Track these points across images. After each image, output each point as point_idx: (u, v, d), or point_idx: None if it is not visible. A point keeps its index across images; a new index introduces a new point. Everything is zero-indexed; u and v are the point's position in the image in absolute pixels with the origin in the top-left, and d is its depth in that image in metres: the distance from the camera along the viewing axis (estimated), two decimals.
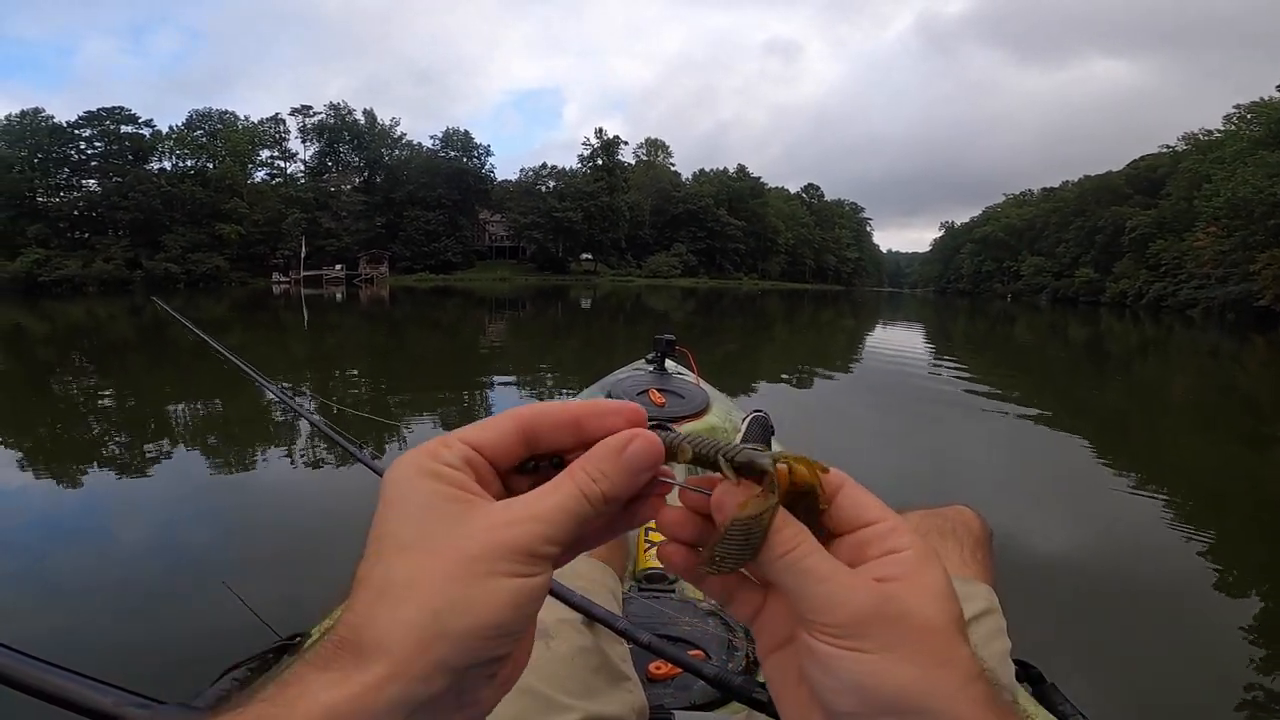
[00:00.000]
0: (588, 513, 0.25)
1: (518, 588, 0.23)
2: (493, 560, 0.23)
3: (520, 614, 0.23)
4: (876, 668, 0.23)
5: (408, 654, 0.22)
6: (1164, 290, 42.33)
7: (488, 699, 0.26)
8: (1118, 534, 3.15)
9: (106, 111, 40.50)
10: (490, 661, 0.24)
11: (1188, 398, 8.43)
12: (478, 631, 0.23)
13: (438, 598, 0.22)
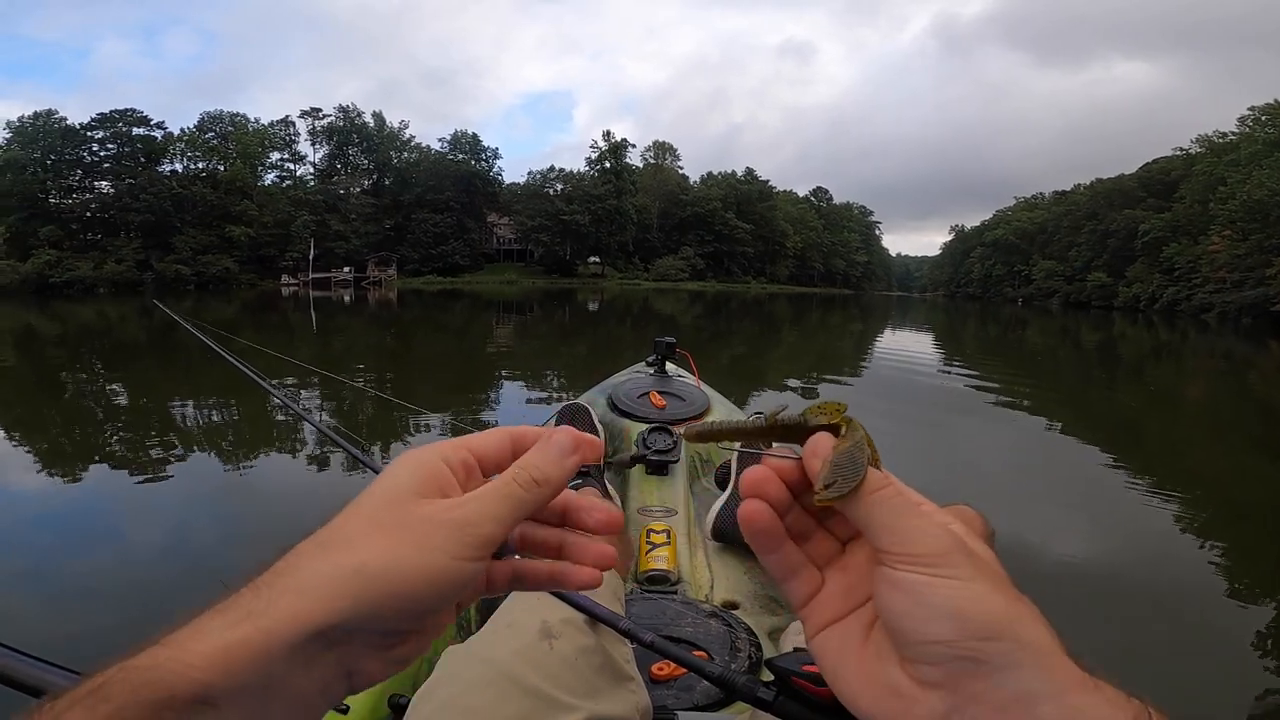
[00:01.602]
0: (520, 495, 0.27)
1: (445, 566, 0.25)
2: (431, 534, 0.25)
3: (437, 592, 0.24)
4: (972, 593, 0.24)
5: (318, 599, 0.23)
6: (1178, 295, 41.84)
7: (372, 672, 0.26)
8: (1128, 539, 3.08)
9: (119, 113, 40.95)
10: (392, 633, 0.25)
11: (1202, 404, 8.25)
12: (394, 594, 0.24)
13: (367, 555, 0.24)
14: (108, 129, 40.36)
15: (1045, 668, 0.24)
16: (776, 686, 0.50)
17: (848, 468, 0.27)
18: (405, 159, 53.31)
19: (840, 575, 0.28)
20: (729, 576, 1.22)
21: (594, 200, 54.54)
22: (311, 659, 0.24)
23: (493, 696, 0.62)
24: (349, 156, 52.54)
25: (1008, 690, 0.23)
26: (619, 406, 1.74)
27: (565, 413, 1.53)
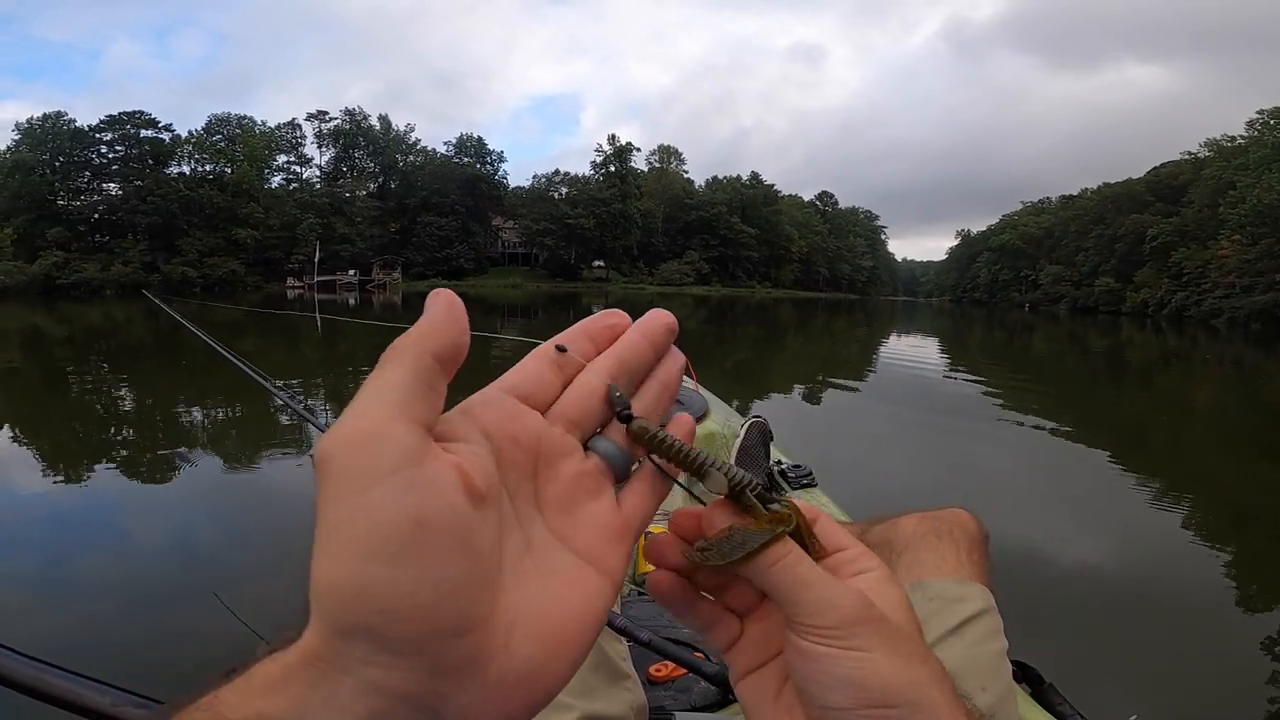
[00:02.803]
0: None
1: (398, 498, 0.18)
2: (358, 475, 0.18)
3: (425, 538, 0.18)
4: (868, 663, 0.23)
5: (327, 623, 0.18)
6: (1187, 300, 41.59)
7: (477, 709, 0.19)
8: (1135, 544, 3.05)
9: (127, 115, 41.20)
10: (449, 632, 0.18)
11: (1210, 410, 8.16)
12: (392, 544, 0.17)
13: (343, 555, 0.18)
14: (116, 131, 40.65)
15: None
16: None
17: (731, 545, 0.24)
18: (411, 162, 53.55)
19: (759, 625, 0.27)
20: None
21: (599, 204, 54.62)
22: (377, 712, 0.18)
23: None
24: (355, 159, 52.82)
25: None
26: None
27: None
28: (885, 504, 0.93)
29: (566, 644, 0.20)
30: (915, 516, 0.84)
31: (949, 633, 0.69)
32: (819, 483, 1.50)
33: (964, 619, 0.70)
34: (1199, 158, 47.40)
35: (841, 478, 3.53)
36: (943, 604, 0.71)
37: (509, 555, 0.20)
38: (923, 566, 0.76)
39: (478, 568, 0.19)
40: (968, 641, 0.68)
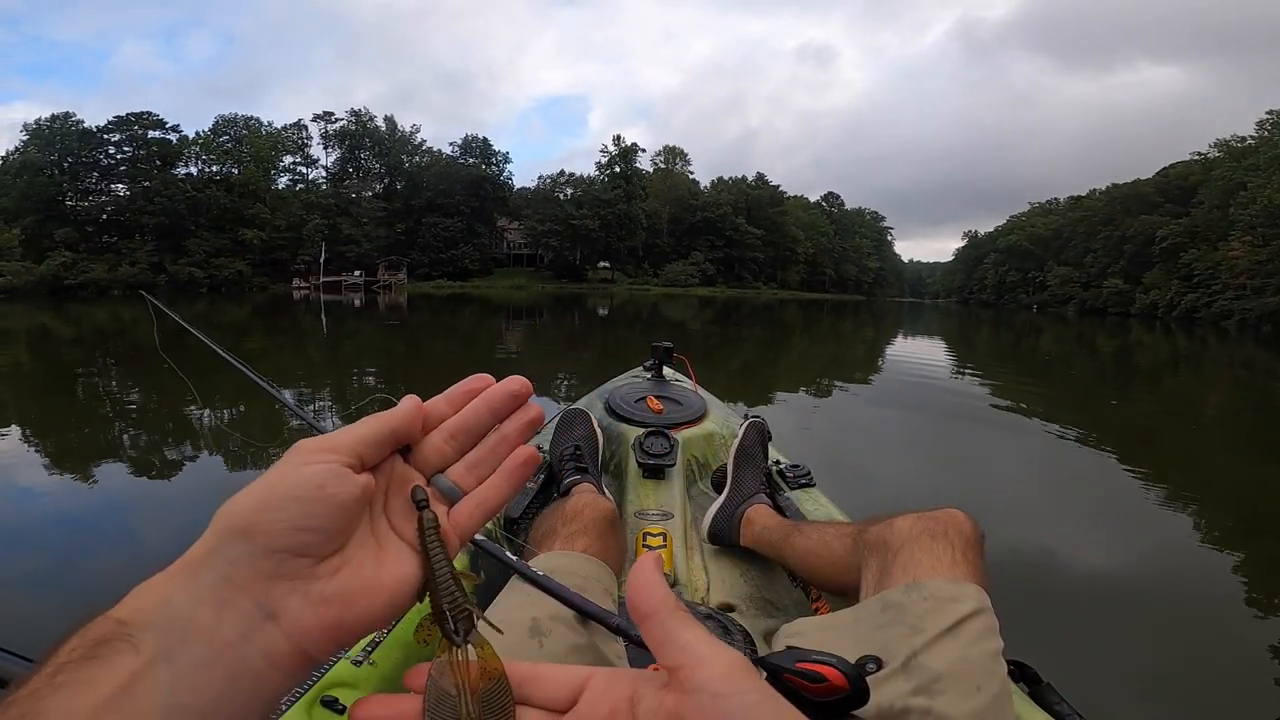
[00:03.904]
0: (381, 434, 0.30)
1: (306, 471, 0.27)
2: (305, 455, 0.28)
3: (307, 492, 0.27)
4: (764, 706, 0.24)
5: (218, 527, 0.26)
6: (1197, 301, 41.28)
7: (299, 613, 0.26)
8: (1143, 547, 3.01)
9: (135, 116, 41.46)
10: (284, 551, 0.26)
11: (1220, 412, 8.07)
12: (264, 503, 0.26)
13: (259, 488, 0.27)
14: (124, 131, 40.88)
15: None
16: (769, 684, 0.51)
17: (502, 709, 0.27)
18: (416, 163, 53.74)
19: None
20: (725, 579, 1.22)
21: (604, 205, 54.67)
22: (221, 600, 0.24)
23: None
24: (360, 160, 53.04)
25: None
26: (616, 411, 1.75)
27: (564, 418, 1.52)
28: (885, 505, 0.88)
29: (379, 590, 0.28)
30: (911, 517, 0.83)
31: (944, 632, 0.68)
32: (817, 483, 1.46)
33: (959, 619, 0.69)
34: (1209, 158, 47.10)
35: (841, 478, 3.50)
36: (937, 604, 0.71)
37: (359, 534, 0.29)
38: (918, 566, 0.76)
39: (336, 528, 0.27)
40: (963, 641, 0.68)
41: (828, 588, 1.02)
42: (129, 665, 0.22)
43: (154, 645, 0.23)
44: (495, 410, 0.33)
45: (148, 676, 0.22)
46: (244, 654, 0.24)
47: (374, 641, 0.83)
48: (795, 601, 1.21)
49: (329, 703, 0.74)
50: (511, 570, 0.79)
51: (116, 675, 0.22)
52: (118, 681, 0.22)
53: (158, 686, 0.22)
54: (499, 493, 0.33)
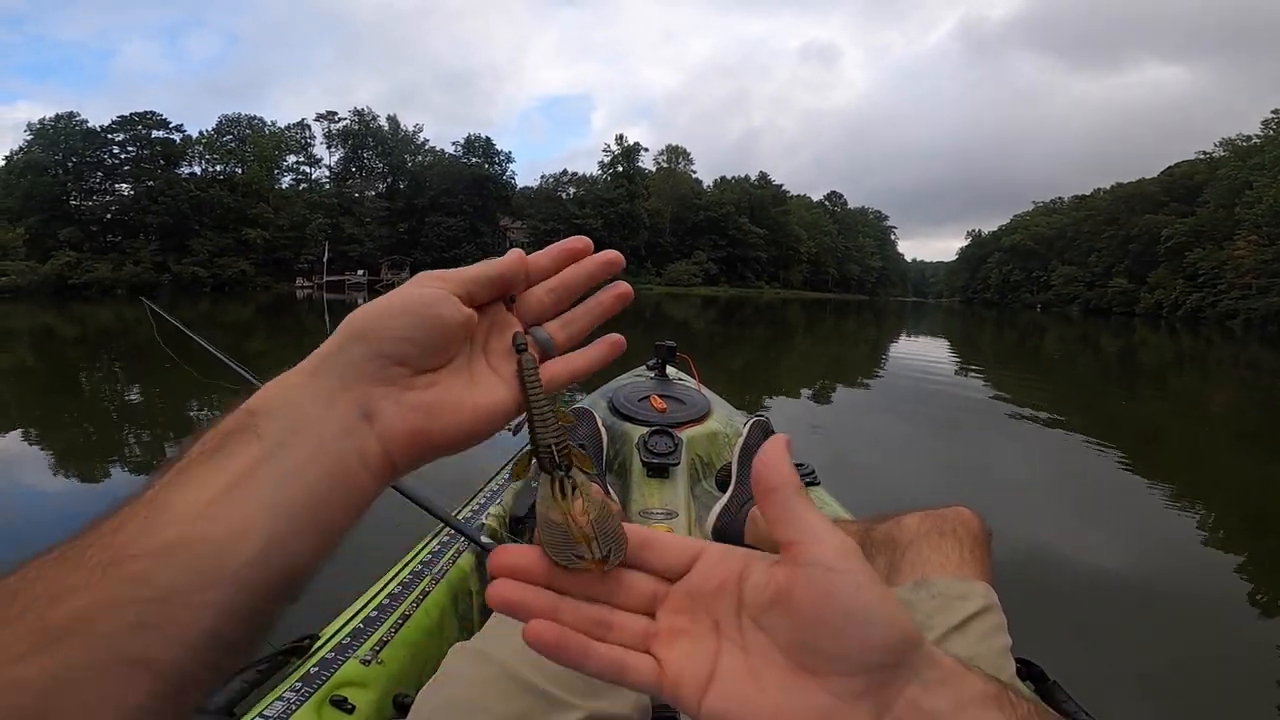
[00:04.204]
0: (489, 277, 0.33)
1: (421, 294, 0.30)
2: (423, 280, 0.31)
3: (420, 313, 0.30)
4: (873, 589, 0.25)
5: (342, 332, 0.29)
6: (1202, 301, 41.16)
7: (390, 417, 0.29)
8: (1148, 548, 3.00)
9: (138, 116, 41.52)
10: (390, 359, 0.29)
11: (1226, 412, 8.04)
12: (379, 314, 0.29)
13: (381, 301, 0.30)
14: (128, 131, 40.95)
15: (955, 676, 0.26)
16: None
17: (612, 533, 0.29)
18: (419, 162, 53.84)
19: (674, 640, 0.28)
20: None
21: (606, 204, 54.70)
22: (331, 396, 0.28)
23: (493, 695, 0.63)
24: (363, 160, 53.14)
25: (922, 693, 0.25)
26: (620, 410, 1.74)
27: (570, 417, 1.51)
28: (890, 503, 0.88)
29: (463, 410, 0.31)
30: (918, 515, 0.83)
31: (952, 630, 0.69)
32: (821, 481, 1.46)
33: (966, 616, 0.70)
34: (1214, 157, 46.96)
35: (846, 477, 3.49)
36: (945, 601, 0.71)
37: (458, 361, 0.32)
38: (926, 564, 0.76)
39: (437, 345, 0.30)
40: (971, 639, 0.68)
41: None
42: (249, 455, 0.25)
43: (273, 435, 0.26)
44: (593, 275, 0.35)
45: (262, 468, 0.25)
46: (342, 451, 0.27)
47: (382, 640, 0.83)
48: None
49: (338, 702, 0.74)
50: None
51: (236, 465, 0.25)
52: (236, 471, 0.25)
53: (269, 478, 0.25)
54: (588, 362, 0.35)
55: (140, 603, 0.22)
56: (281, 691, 0.73)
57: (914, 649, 0.25)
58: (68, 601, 0.22)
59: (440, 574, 1.01)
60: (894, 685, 0.25)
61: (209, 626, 0.23)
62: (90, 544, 0.23)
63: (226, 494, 0.25)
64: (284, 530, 0.25)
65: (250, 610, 0.24)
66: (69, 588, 0.22)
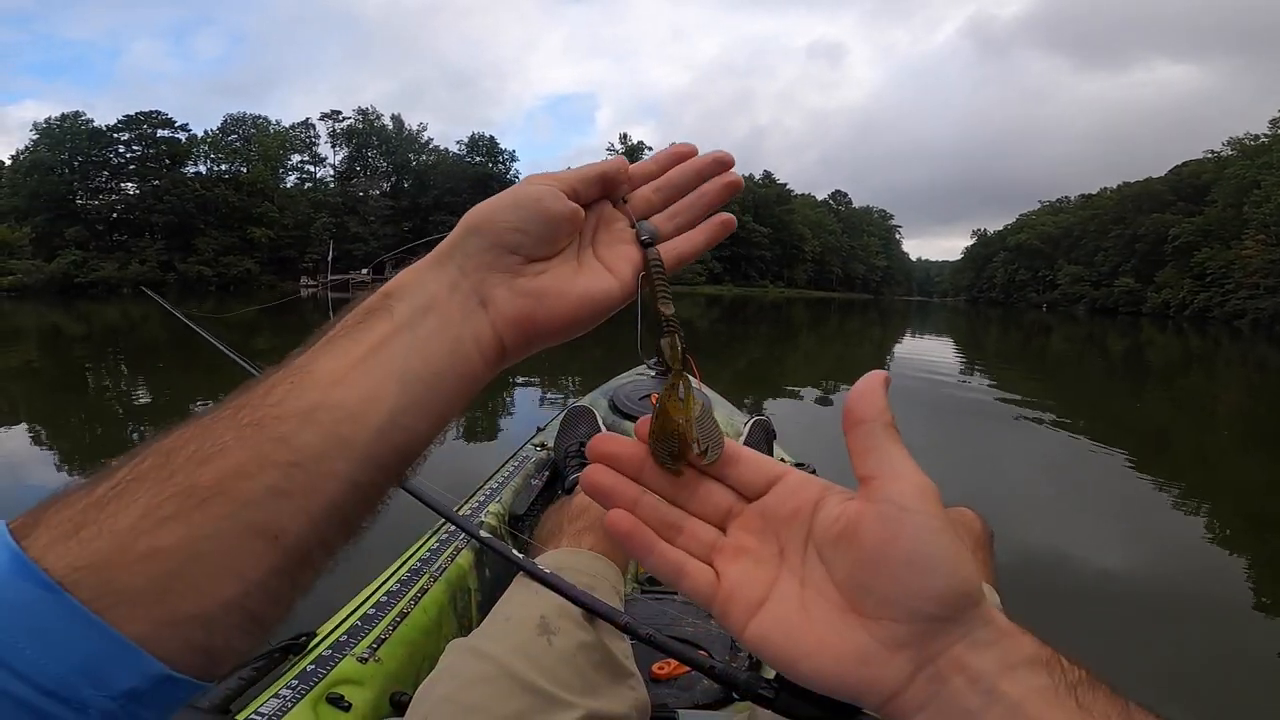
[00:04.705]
0: (592, 176, 0.35)
1: (534, 190, 0.33)
2: (533, 179, 0.34)
3: (533, 207, 0.32)
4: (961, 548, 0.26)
5: (462, 225, 0.32)
6: (1210, 300, 40.96)
7: (501, 302, 0.31)
8: (1148, 545, 2.99)
9: (144, 116, 41.69)
10: (506, 248, 0.31)
11: (1233, 412, 7.99)
12: (497, 207, 0.32)
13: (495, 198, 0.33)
14: (133, 131, 41.13)
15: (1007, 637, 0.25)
16: (778, 683, 0.51)
17: (712, 433, 0.31)
18: (423, 161, 53.95)
19: (737, 557, 0.29)
20: None
21: None
22: (454, 283, 0.30)
23: (491, 693, 0.63)
24: (368, 159, 53.28)
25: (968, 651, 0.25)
26: (620, 408, 1.76)
27: (569, 415, 1.53)
28: None
29: (568, 295, 0.33)
30: None
31: None
32: None
33: None
34: (1222, 156, 46.68)
35: (847, 477, 3.47)
36: None
37: (567, 253, 0.34)
38: None
39: (547, 235, 0.32)
40: None
41: None
42: (383, 329, 0.28)
43: (404, 313, 0.29)
44: (700, 172, 0.37)
45: (394, 341, 0.28)
46: (461, 333, 0.30)
47: (380, 638, 0.83)
48: None
49: (335, 700, 0.73)
50: (518, 568, 0.78)
51: (372, 337, 0.28)
52: (371, 343, 0.28)
53: (400, 349, 0.28)
54: (694, 245, 0.36)
55: (280, 467, 0.24)
56: (278, 689, 0.72)
57: (971, 606, 0.25)
58: (215, 462, 0.23)
59: (439, 571, 1.00)
60: (942, 639, 0.25)
61: (333, 497, 0.25)
62: (245, 404, 0.26)
63: (363, 361, 0.27)
64: (406, 402, 0.27)
65: (369, 485, 0.26)
66: (219, 448, 0.23)
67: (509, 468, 1.44)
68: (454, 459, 4.01)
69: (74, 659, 0.20)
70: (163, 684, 0.21)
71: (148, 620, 0.21)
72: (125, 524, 0.22)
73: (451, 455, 4.12)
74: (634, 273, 0.35)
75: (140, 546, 0.21)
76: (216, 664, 0.23)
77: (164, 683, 0.21)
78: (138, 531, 0.22)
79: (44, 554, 0.21)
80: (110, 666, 0.20)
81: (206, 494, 0.23)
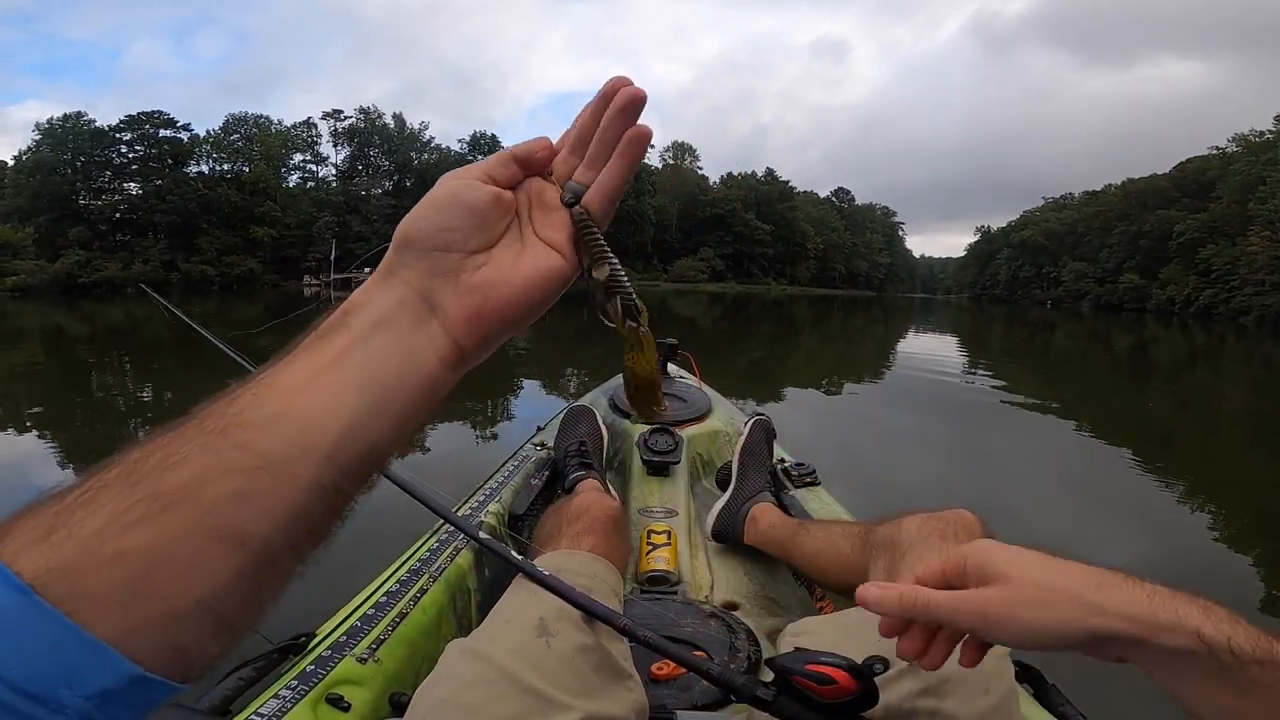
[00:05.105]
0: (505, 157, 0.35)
1: (457, 185, 0.33)
2: (447, 177, 0.34)
3: (461, 202, 0.33)
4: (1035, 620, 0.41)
5: (393, 243, 0.33)
6: (1215, 297, 40.76)
7: (449, 306, 0.32)
8: (1148, 544, 2.98)
9: (146, 115, 41.63)
10: (441, 249, 0.32)
11: (1239, 409, 7.95)
12: (426, 207, 0.33)
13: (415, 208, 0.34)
14: (135, 131, 41.07)
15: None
16: (777, 686, 0.51)
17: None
18: (425, 160, 53.91)
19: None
20: (729, 577, 1.21)
21: None
22: (400, 298, 0.31)
23: (489, 695, 0.63)
24: (370, 158, 53.25)
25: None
26: (620, 407, 1.74)
27: (570, 415, 1.52)
28: (895, 501, 0.88)
29: (513, 281, 0.33)
30: (919, 517, 0.83)
31: None
32: (822, 481, 1.45)
33: None
34: (1226, 153, 46.43)
35: (848, 477, 3.45)
36: None
37: (508, 237, 0.34)
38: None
39: (477, 227, 0.33)
40: None
41: (834, 587, 1.02)
42: (341, 343, 0.30)
43: (360, 327, 0.30)
44: (595, 110, 0.36)
45: (351, 353, 0.29)
46: (415, 342, 0.31)
47: (379, 639, 0.83)
48: (799, 600, 1.20)
49: (334, 700, 0.74)
50: (517, 569, 0.78)
51: (332, 349, 0.29)
52: (332, 355, 0.29)
53: (357, 360, 0.29)
54: (614, 172, 0.36)
55: (243, 472, 0.25)
56: (277, 689, 0.72)
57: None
58: (180, 469, 0.24)
59: (438, 571, 1.00)
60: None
61: (298, 501, 0.26)
62: (209, 414, 0.26)
63: (324, 372, 0.28)
64: (367, 408, 0.28)
65: (332, 488, 0.27)
66: (183, 456, 0.24)
67: (509, 467, 1.44)
68: (454, 458, 4.02)
69: (48, 660, 0.20)
70: (136, 684, 0.22)
71: (117, 621, 0.21)
72: (93, 528, 0.22)
73: (451, 454, 4.13)
74: (569, 239, 0.35)
75: (108, 550, 0.22)
76: (189, 666, 0.24)
77: (137, 683, 0.22)
78: (105, 535, 0.22)
79: (15, 558, 0.21)
80: (83, 667, 0.21)
81: (171, 499, 0.23)
